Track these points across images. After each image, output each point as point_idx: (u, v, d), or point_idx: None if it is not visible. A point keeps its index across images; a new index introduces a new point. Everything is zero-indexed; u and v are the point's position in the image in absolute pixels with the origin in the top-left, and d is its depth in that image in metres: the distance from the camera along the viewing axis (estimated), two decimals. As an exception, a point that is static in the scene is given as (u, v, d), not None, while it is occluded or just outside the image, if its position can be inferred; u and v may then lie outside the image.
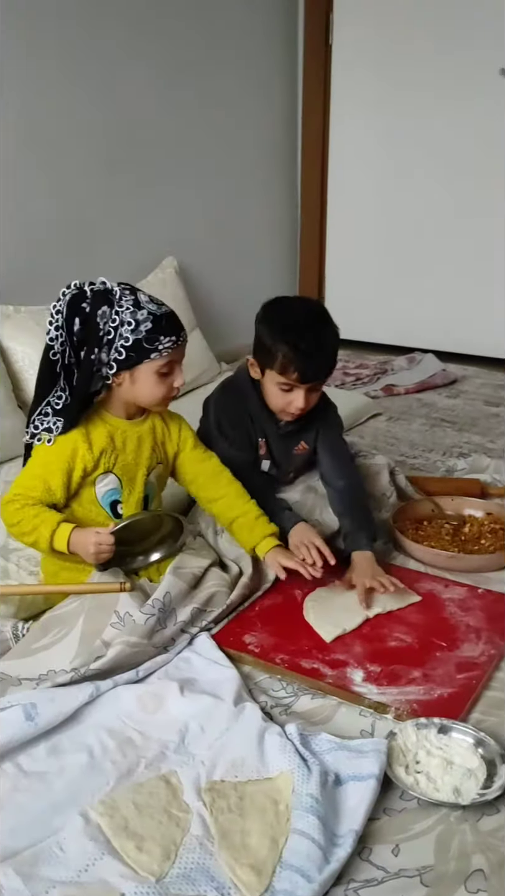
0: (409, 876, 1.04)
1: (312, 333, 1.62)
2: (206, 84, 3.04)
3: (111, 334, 1.43)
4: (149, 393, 1.49)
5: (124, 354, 1.43)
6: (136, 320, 1.42)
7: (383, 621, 1.56)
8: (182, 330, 1.49)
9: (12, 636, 1.46)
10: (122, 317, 1.42)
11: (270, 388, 1.69)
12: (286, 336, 1.61)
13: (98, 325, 1.42)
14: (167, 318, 1.46)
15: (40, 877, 1.02)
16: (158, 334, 1.43)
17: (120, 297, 1.43)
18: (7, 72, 2.32)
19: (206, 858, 1.06)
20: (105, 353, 1.44)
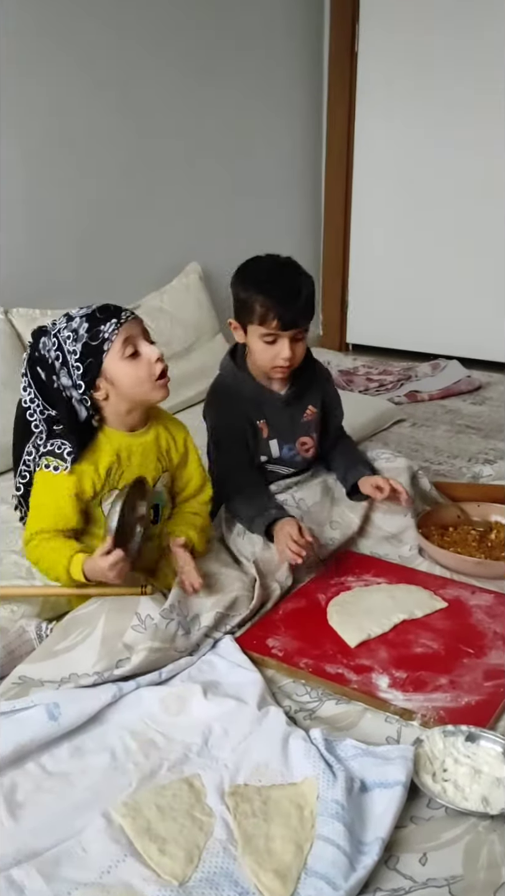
0: (437, 886, 1.01)
1: (285, 279, 1.67)
2: (230, 90, 3.05)
3: (60, 358, 1.43)
4: (132, 382, 1.44)
5: (82, 367, 1.42)
6: (74, 329, 1.42)
7: (409, 627, 1.54)
8: (123, 310, 1.45)
9: (36, 636, 1.46)
10: (60, 336, 1.43)
11: (256, 346, 1.71)
12: (261, 286, 1.65)
13: (47, 358, 1.44)
14: (99, 309, 1.44)
15: (62, 878, 1.02)
16: (97, 325, 1.41)
17: (53, 324, 1.46)
18: (30, 77, 2.34)
19: (229, 863, 1.05)
20: (66, 377, 1.44)
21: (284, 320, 1.65)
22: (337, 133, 3.53)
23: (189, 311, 2.83)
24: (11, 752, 1.18)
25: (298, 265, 1.72)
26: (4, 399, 2.10)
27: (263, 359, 1.72)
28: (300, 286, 1.67)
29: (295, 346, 1.70)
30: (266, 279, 1.67)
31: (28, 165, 2.39)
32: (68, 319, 1.44)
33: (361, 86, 3.42)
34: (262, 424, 1.80)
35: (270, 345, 1.69)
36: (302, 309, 1.67)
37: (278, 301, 1.63)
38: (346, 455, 1.91)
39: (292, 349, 1.69)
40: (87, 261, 2.63)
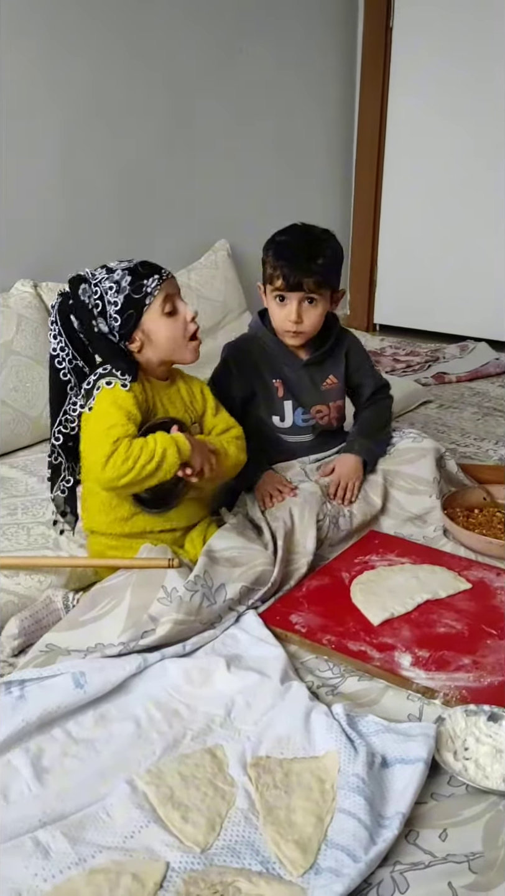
0: (456, 862, 1.02)
1: (298, 242, 1.70)
2: (262, 68, 3.02)
3: (100, 305, 1.46)
4: (168, 338, 1.50)
5: (120, 319, 1.46)
6: (115, 281, 1.45)
7: (432, 607, 1.54)
8: (161, 267, 1.49)
9: (63, 606, 1.48)
10: (101, 286, 1.46)
11: (270, 307, 1.76)
12: (276, 246, 1.70)
13: (86, 304, 1.46)
14: (141, 264, 1.48)
15: (87, 841, 1.04)
16: (140, 280, 1.45)
17: (91, 273, 1.48)
18: (68, 52, 2.33)
19: (251, 832, 1.06)
20: (104, 323, 1.47)
21: (288, 280, 1.67)
22: (369, 112, 3.48)
23: (216, 288, 2.83)
24: (38, 719, 1.20)
25: (324, 236, 1.73)
26: (34, 374, 2.13)
27: (276, 320, 1.76)
28: (315, 251, 1.68)
29: (303, 309, 1.71)
30: (283, 240, 1.71)
31: (62, 141, 2.39)
32: (108, 271, 1.47)
33: (396, 61, 3.37)
34: (277, 384, 1.82)
35: (280, 306, 1.72)
36: (310, 272, 1.67)
37: (287, 261, 1.67)
38: (360, 424, 1.93)
39: (299, 312, 1.71)
40: (116, 237, 2.63)
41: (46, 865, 1.00)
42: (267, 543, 1.64)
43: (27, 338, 2.14)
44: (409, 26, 3.30)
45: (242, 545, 1.59)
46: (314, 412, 1.86)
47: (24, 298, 2.22)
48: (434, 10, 3.21)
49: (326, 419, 1.88)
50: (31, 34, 2.23)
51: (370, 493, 1.85)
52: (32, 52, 2.25)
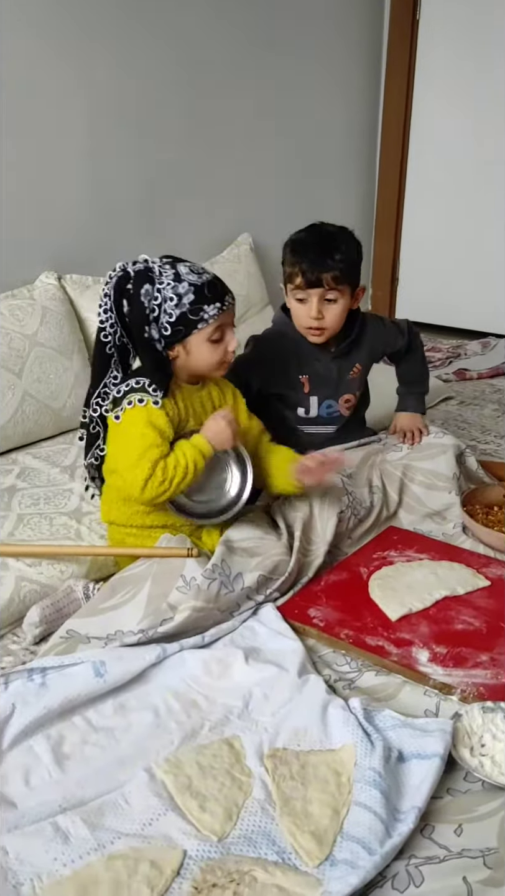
0: (471, 857, 1.03)
1: (314, 239, 1.70)
2: (287, 61, 3.00)
3: (156, 311, 1.45)
4: (205, 361, 1.52)
5: (170, 330, 1.46)
6: (178, 294, 1.44)
7: (451, 604, 1.54)
8: (227, 293, 1.50)
9: (83, 596, 1.50)
10: (164, 293, 1.44)
11: (292, 306, 1.76)
12: (294, 245, 1.71)
13: (143, 305, 1.45)
14: (209, 285, 1.47)
15: (106, 827, 1.05)
16: (202, 304, 1.45)
17: (160, 273, 1.46)
18: (91, 48, 2.33)
19: (267, 823, 1.07)
20: (154, 330, 1.47)
21: (307, 277, 1.67)
22: (394, 107, 3.46)
23: (239, 282, 2.83)
24: (59, 706, 1.22)
25: (342, 234, 1.73)
26: (57, 366, 2.15)
27: (298, 319, 1.76)
28: (332, 248, 1.68)
29: (324, 308, 1.71)
30: (300, 239, 1.71)
31: (88, 136, 2.40)
32: (176, 278, 1.45)
33: (421, 56, 3.34)
34: (304, 379, 1.82)
35: (301, 305, 1.72)
36: (328, 269, 1.67)
37: (304, 259, 1.67)
38: (403, 382, 2.06)
39: (320, 309, 1.71)
40: (140, 230, 2.64)
41: (66, 850, 1.02)
42: (282, 534, 1.65)
43: (51, 329, 2.16)
44: (435, 20, 3.27)
45: (259, 535, 1.60)
46: (342, 402, 1.88)
47: (48, 290, 2.24)
48: (461, 4, 3.19)
49: (351, 408, 1.91)
50: (58, 30, 2.24)
51: (388, 488, 1.85)
52: (59, 49, 2.25)
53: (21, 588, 1.50)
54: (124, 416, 1.49)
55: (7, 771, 1.14)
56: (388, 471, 1.87)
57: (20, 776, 1.13)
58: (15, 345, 2.07)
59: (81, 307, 2.33)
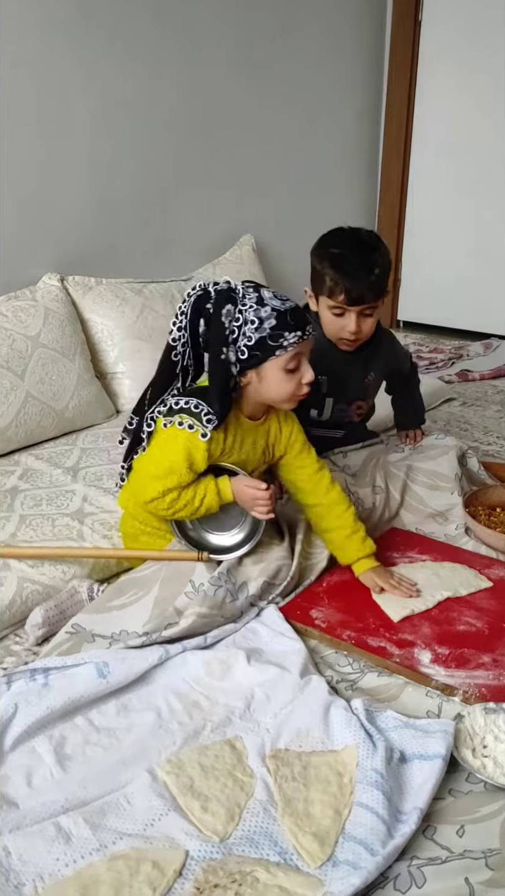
0: (473, 858, 1.03)
1: (357, 255, 1.67)
2: (288, 62, 3.01)
3: (235, 333, 1.40)
4: (277, 390, 1.45)
5: (247, 354, 1.40)
6: (260, 318, 1.39)
7: (453, 605, 1.54)
8: (308, 323, 1.44)
9: (88, 597, 1.50)
10: (245, 315, 1.39)
11: (325, 316, 1.74)
12: (333, 259, 1.66)
13: (223, 325, 1.40)
14: (292, 312, 1.41)
15: (108, 827, 1.05)
16: (283, 330, 1.40)
17: (243, 295, 1.41)
18: (92, 51, 2.34)
19: (269, 823, 1.07)
20: (231, 352, 1.41)
21: (351, 296, 1.66)
22: (396, 108, 3.46)
23: (241, 283, 2.83)
24: (62, 706, 1.22)
25: (376, 242, 1.72)
26: (60, 367, 2.15)
27: (331, 330, 1.75)
28: (373, 263, 1.66)
29: (362, 321, 1.72)
30: (339, 253, 1.67)
31: (91, 138, 2.41)
32: (259, 302, 1.40)
33: (424, 57, 3.35)
34: (322, 380, 1.81)
35: (338, 317, 1.72)
36: (371, 286, 1.67)
37: (347, 276, 1.65)
38: (407, 413, 2.09)
39: (359, 323, 1.71)
40: (143, 231, 2.65)
41: (68, 850, 1.02)
42: (284, 538, 1.66)
43: (54, 331, 2.16)
44: (438, 21, 3.28)
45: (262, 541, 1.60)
46: (354, 407, 1.88)
47: (50, 292, 2.25)
48: (463, 5, 3.19)
49: (361, 414, 1.91)
50: (61, 35, 2.25)
51: (391, 488, 1.86)
52: (62, 53, 2.26)
53: (23, 589, 1.50)
54: (170, 429, 1.46)
55: (9, 771, 1.14)
56: (391, 471, 1.88)
57: (22, 776, 1.13)
58: (17, 346, 2.07)
59: (84, 308, 2.34)
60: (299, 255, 3.32)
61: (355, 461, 1.85)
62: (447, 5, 3.24)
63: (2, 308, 2.12)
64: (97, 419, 2.26)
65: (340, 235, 1.72)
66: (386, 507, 1.84)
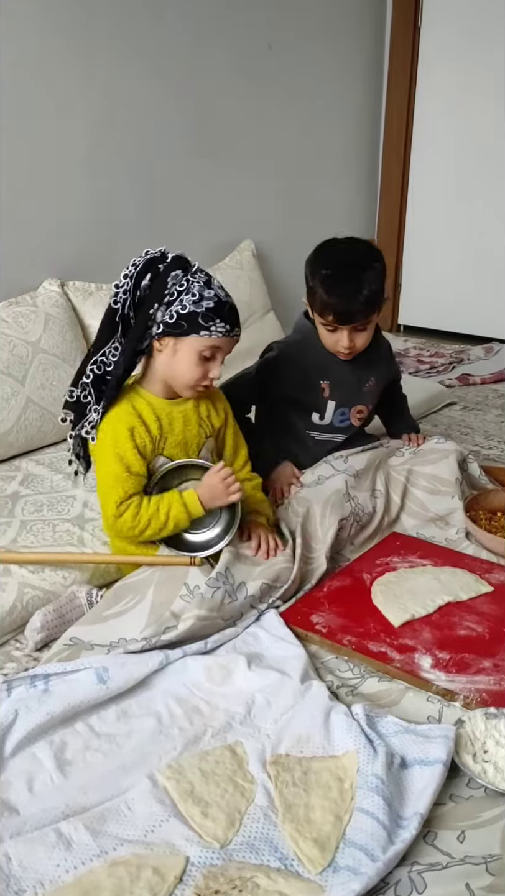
0: (474, 863, 1.03)
1: (348, 276, 1.65)
2: (288, 67, 3.02)
3: (174, 296, 1.45)
4: (184, 371, 1.50)
5: (175, 319, 1.45)
6: (202, 295, 1.45)
7: (453, 610, 1.54)
8: (238, 326, 1.50)
9: (87, 602, 1.50)
10: (190, 286, 1.45)
11: (320, 329, 1.75)
12: (324, 279, 1.66)
13: (166, 283, 1.45)
14: (231, 307, 1.49)
15: (108, 833, 1.05)
16: (216, 316, 1.46)
17: (196, 270, 1.48)
18: (92, 55, 2.35)
19: (270, 829, 1.07)
20: (161, 311, 1.46)
21: (340, 317, 1.68)
22: (396, 112, 3.47)
23: (241, 288, 2.83)
24: (62, 712, 1.22)
25: (369, 259, 1.70)
26: (61, 373, 2.15)
27: (326, 343, 1.77)
28: (363, 284, 1.65)
29: (355, 336, 1.73)
30: (330, 273, 1.66)
31: (90, 143, 2.41)
32: (207, 284, 1.46)
33: (423, 61, 3.36)
34: (324, 385, 1.83)
35: (331, 332, 1.73)
36: (361, 307, 1.67)
37: (338, 297, 1.65)
38: (400, 417, 2.09)
39: (352, 339, 1.72)
40: (143, 236, 2.63)
41: (68, 857, 1.02)
42: (287, 541, 1.66)
43: (54, 336, 2.17)
44: (437, 25, 3.28)
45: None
46: (354, 412, 1.89)
47: (51, 297, 2.25)
48: (462, 10, 3.20)
49: (362, 419, 1.92)
50: (60, 41, 2.25)
51: (391, 492, 1.86)
52: (61, 59, 2.27)
53: (24, 594, 1.50)
54: (96, 443, 1.52)
55: (10, 777, 1.14)
56: (391, 475, 1.89)
57: (23, 782, 1.13)
58: (18, 352, 2.08)
59: (84, 314, 2.34)
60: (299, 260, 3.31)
61: (356, 465, 1.85)
62: (446, 10, 3.24)
63: (2, 314, 2.13)
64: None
65: (333, 251, 1.72)
66: (386, 511, 1.84)
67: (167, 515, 1.50)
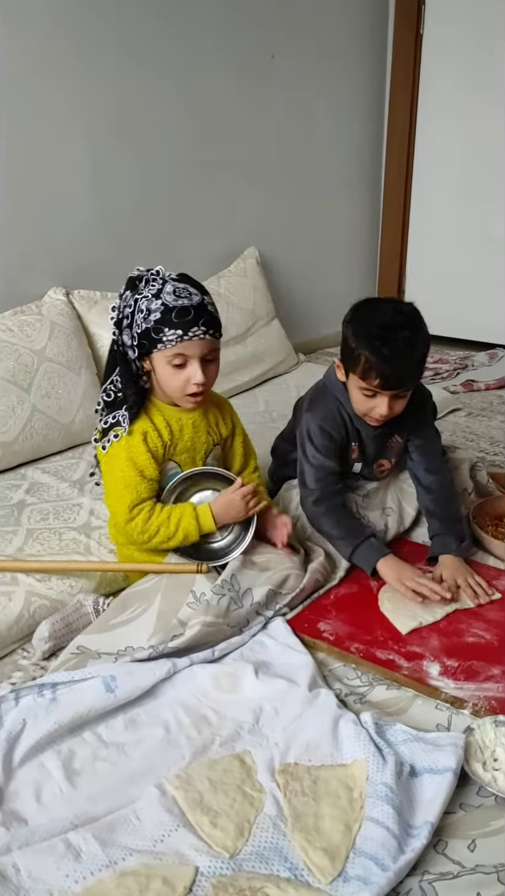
0: (485, 872, 1.02)
1: (398, 338, 1.51)
2: (291, 75, 3.03)
3: (129, 318, 1.45)
4: (167, 383, 1.49)
5: (137, 340, 1.45)
6: (149, 309, 1.42)
7: (461, 617, 1.53)
8: (198, 325, 1.43)
9: (93, 611, 1.50)
10: (139, 304, 1.44)
11: (354, 393, 1.62)
12: (370, 340, 1.52)
13: (121, 308, 1.47)
14: (180, 311, 1.42)
15: (117, 843, 1.05)
16: (164, 325, 1.42)
17: (146, 283, 1.45)
18: (96, 66, 2.36)
19: (279, 839, 1.07)
20: (126, 336, 1.47)
21: (387, 382, 1.54)
22: (399, 121, 3.48)
23: (246, 295, 2.84)
24: (70, 721, 1.22)
25: (417, 319, 1.56)
26: (66, 381, 2.16)
27: (359, 408, 1.64)
28: (412, 346, 1.52)
29: (395, 403, 1.59)
30: (378, 335, 1.51)
31: (92, 151, 2.42)
32: (156, 294, 1.43)
33: (425, 69, 3.36)
34: (354, 447, 1.74)
35: (369, 398, 1.59)
36: (410, 372, 1.56)
37: (385, 362, 1.51)
38: (441, 515, 1.75)
39: (391, 406, 1.58)
40: (148, 244, 2.66)
41: (77, 867, 1.01)
42: (299, 550, 1.66)
43: (59, 345, 2.17)
44: (439, 34, 3.29)
45: (271, 550, 1.61)
46: (377, 466, 1.81)
47: (56, 306, 2.26)
48: (465, 19, 3.21)
49: (385, 472, 1.84)
50: (61, 51, 2.27)
51: (405, 505, 1.85)
52: (62, 69, 2.28)
53: (31, 603, 1.50)
54: (110, 448, 1.52)
55: (18, 787, 1.14)
56: (404, 489, 1.86)
57: (31, 792, 1.13)
58: (23, 360, 2.08)
59: (90, 322, 2.35)
60: (303, 267, 3.35)
61: (367, 485, 1.83)
62: (449, 16, 3.25)
63: (8, 322, 2.13)
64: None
65: (378, 310, 1.57)
66: (400, 524, 1.82)
67: (177, 526, 1.50)
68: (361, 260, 3.66)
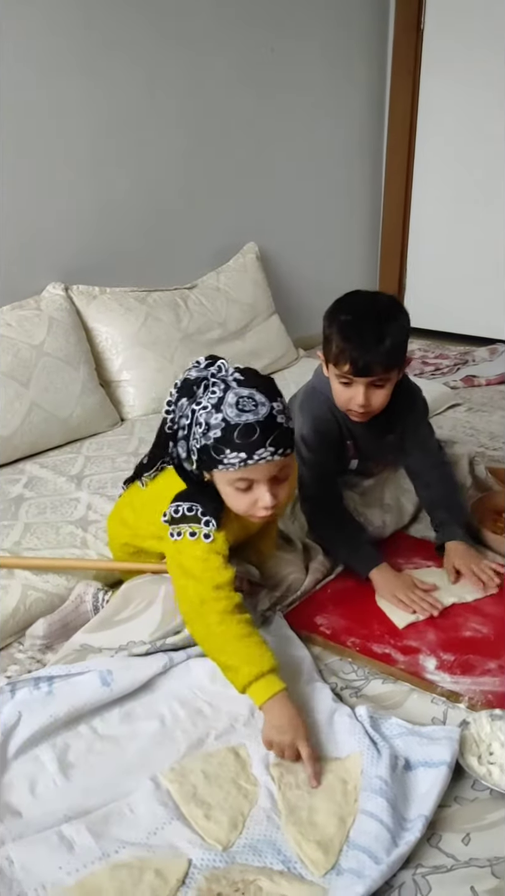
0: (479, 866, 1.02)
1: (369, 324, 1.51)
2: (290, 70, 3.02)
3: (185, 430, 1.28)
4: (231, 503, 1.30)
5: (196, 455, 1.27)
6: (209, 424, 1.22)
7: (458, 611, 1.53)
8: (262, 447, 1.21)
9: (92, 607, 1.49)
10: (196, 416, 1.25)
11: (333, 384, 1.61)
12: (342, 326, 1.52)
13: (176, 418, 1.29)
14: (243, 429, 1.20)
15: (111, 836, 1.05)
16: (226, 447, 1.21)
17: (205, 389, 1.25)
18: (94, 61, 2.36)
19: (273, 832, 1.07)
20: (182, 448, 1.31)
21: (356, 366, 1.52)
22: (399, 116, 3.47)
23: (245, 291, 2.84)
24: (65, 715, 1.22)
25: (394, 308, 1.57)
26: (65, 376, 2.16)
27: (340, 400, 1.62)
28: (384, 334, 1.51)
29: (371, 393, 1.56)
30: (349, 320, 1.53)
31: (92, 147, 2.42)
32: (216, 406, 1.22)
33: (426, 63, 3.36)
34: (349, 444, 1.73)
35: (346, 387, 1.58)
36: (380, 357, 1.52)
37: (355, 346, 1.50)
38: (444, 505, 1.76)
39: (367, 396, 1.56)
40: (147, 240, 2.65)
41: (71, 859, 1.01)
42: (297, 548, 1.66)
43: (58, 339, 2.17)
44: (440, 28, 3.28)
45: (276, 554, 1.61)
46: (373, 464, 1.81)
47: (55, 301, 2.26)
48: (465, 12, 3.19)
49: (381, 468, 1.84)
50: (61, 48, 2.26)
51: (403, 501, 1.84)
52: (64, 63, 2.28)
53: (27, 597, 1.50)
54: (181, 543, 1.31)
55: (13, 780, 1.14)
56: (402, 486, 1.86)
57: (26, 785, 1.13)
58: (22, 355, 2.08)
59: (88, 317, 2.35)
60: (302, 262, 3.35)
61: (364, 482, 1.83)
62: (449, 13, 3.24)
63: (6, 317, 2.13)
64: (102, 427, 2.26)
65: (354, 300, 1.59)
66: (399, 521, 1.82)
67: (228, 659, 1.24)
68: (361, 255, 3.65)
